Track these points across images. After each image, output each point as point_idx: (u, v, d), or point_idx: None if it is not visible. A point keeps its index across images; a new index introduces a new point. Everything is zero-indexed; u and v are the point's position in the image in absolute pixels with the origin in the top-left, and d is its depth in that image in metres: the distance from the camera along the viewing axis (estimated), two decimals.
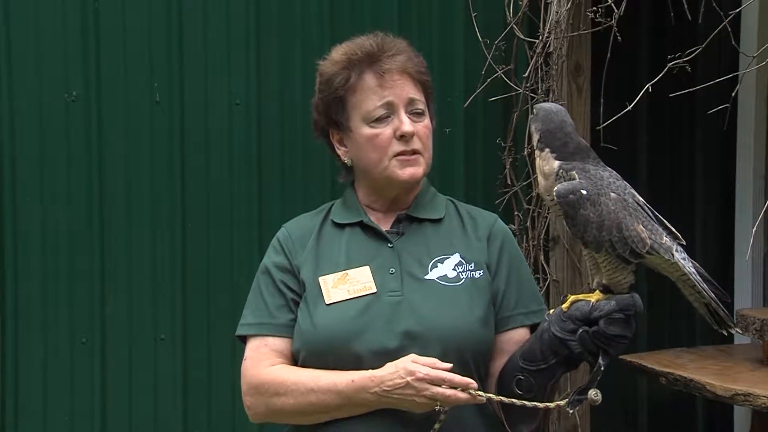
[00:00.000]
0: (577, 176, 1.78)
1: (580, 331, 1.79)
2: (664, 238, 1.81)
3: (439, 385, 1.79)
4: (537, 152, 1.85)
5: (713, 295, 1.85)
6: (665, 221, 1.85)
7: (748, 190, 3.61)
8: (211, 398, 3.06)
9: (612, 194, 1.78)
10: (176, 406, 3.05)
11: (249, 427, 2.95)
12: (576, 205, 1.76)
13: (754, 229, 2.57)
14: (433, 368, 1.80)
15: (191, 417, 3.06)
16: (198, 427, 3.06)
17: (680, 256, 1.83)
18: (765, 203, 2.45)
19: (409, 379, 1.79)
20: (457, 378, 1.80)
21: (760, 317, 2.91)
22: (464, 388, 1.80)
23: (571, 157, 1.81)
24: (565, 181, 1.79)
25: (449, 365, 1.82)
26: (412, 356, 1.83)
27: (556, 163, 1.81)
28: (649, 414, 3.58)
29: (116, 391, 3.02)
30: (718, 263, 3.60)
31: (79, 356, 3.00)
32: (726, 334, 1.91)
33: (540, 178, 1.85)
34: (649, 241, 1.78)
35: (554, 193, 1.78)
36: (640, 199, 1.84)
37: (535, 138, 1.86)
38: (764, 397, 2.59)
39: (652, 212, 1.84)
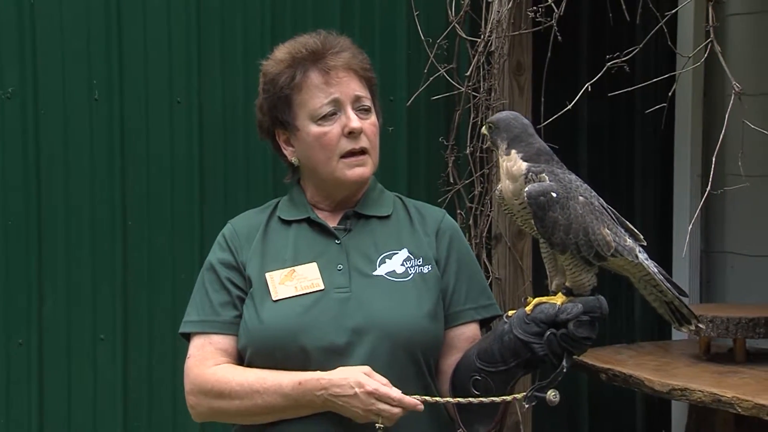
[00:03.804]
0: (547, 178, 1.79)
1: (548, 333, 1.79)
2: (627, 240, 1.83)
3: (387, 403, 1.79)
4: (503, 155, 1.84)
5: (677, 293, 1.88)
6: (627, 222, 1.87)
7: (686, 188, 3.67)
8: (152, 398, 3.02)
9: (581, 198, 1.79)
10: (116, 407, 3.00)
11: (189, 428, 2.92)
12: (546, 206, 1.76)
13: (690, 226, 2.62)
14: (383, 386, 1.80)
15: (131, 418, 3.01)
16: (138, 428, 3.02)
17: (643, 257, 1.85)
18: (701, 201, 2.49)
19: (357, 390, 1.79)
20: (407, 399, 1.80)
21: (698, 314, 2.96)
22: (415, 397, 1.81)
23: (537, 158, 1.81)
24: (534, 182, 1.79)
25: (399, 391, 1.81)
26: (366, 368, 1.82)
27: (524, 165, 1.81)
28: (590, 409, 3.63)
29: (54, 393, 2.96)
30: (657, 260, 3.64)
31: (15, 358, 2.93)
32: (686, 331, 1.95)
33: (506, 181, 1.83)
34: (614, 244, 1.80)
35: (525, 194, 1.78)
36: (602, 201, 1.85)
37: (503, 145, 1.84)
38: (700, 392, 2.63)
39: (615, 214, 1.86)
